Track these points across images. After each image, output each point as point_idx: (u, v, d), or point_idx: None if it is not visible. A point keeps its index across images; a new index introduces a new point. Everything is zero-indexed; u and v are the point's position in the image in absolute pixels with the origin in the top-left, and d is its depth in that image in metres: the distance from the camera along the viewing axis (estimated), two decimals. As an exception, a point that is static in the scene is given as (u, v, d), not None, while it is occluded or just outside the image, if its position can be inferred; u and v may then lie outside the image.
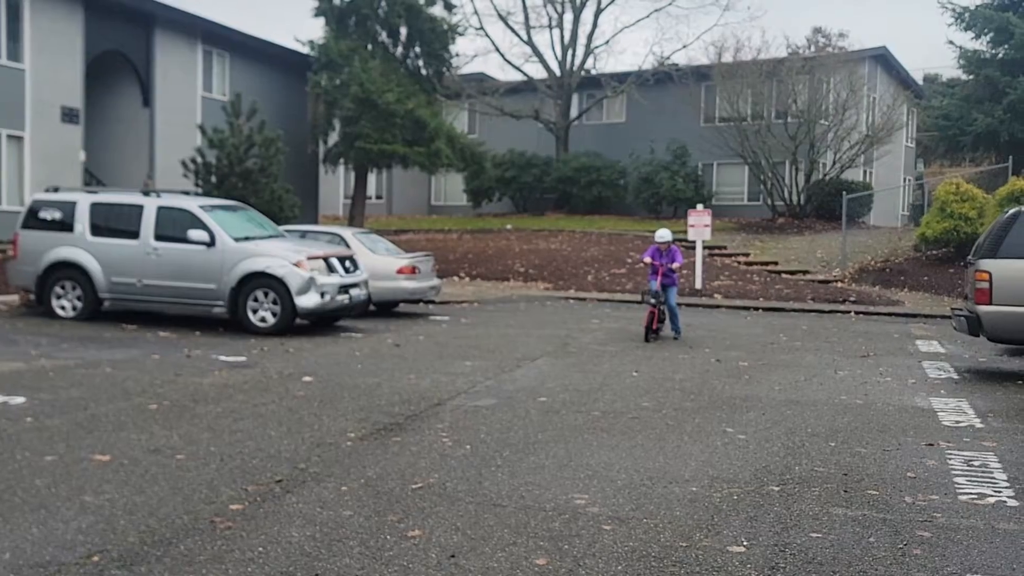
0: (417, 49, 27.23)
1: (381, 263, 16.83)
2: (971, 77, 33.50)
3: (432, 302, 19.05)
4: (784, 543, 5.09)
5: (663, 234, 14.68)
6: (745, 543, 5.08)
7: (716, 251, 26.33)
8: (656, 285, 14.37)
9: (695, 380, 10.60)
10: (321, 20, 26.51)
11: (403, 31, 26.88)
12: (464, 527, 5.26)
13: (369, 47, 26.32)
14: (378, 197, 41.65)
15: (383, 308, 17.59)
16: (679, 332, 14.66)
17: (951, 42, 33.47)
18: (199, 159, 20.84)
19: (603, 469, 6.57)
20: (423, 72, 27.58)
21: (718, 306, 20.62)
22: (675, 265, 14.49)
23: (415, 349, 12.68)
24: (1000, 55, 31.56)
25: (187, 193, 16.28)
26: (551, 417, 8.34)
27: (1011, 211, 11.85)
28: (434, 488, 6.02)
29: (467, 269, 25.88)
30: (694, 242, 22.91)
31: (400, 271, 16.87)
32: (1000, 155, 31.28)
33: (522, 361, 11.75)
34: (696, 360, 12.25)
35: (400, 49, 27.18)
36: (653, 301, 14.18)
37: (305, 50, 26.15)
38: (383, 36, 26.81)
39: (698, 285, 22.34)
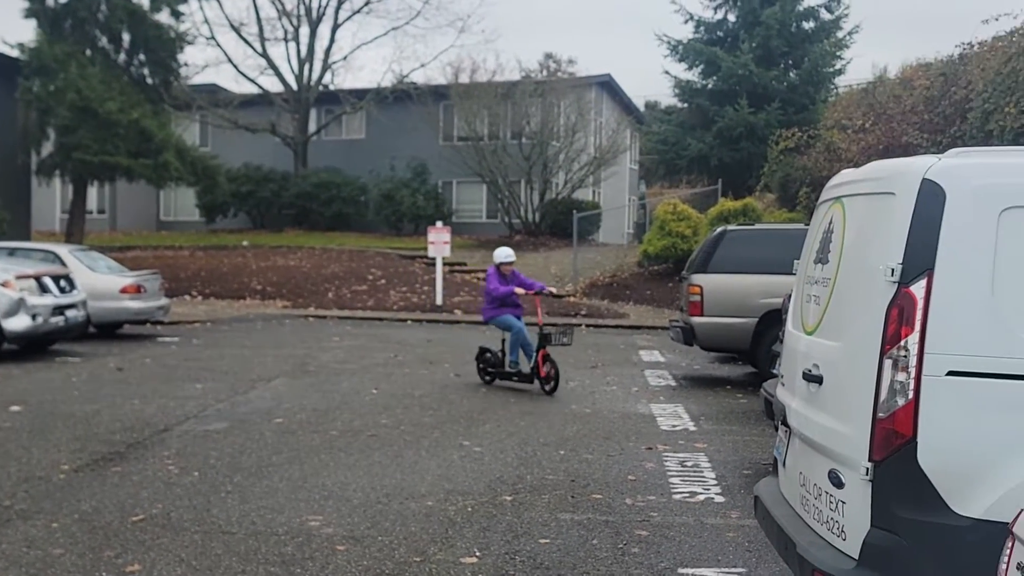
0: (142, 56, 25.77)
1: (102, 282, 15.77)
2: (685, 105, 36.22)
3: (160, 322, 18.08)
4: (515, 551, 5.24)
5: (508, 253, 11.73)
6: (478, 553, 5.18)
7: (456, 267, 26.79)
8: (521, 323, 11.47)
9: (434, 395, 10.71)
10: (33, 22, 24.51)
11: (126, 37, 25.35)
12: (189, 558, 5.01)
13: (88, 52, 24.63)
14: (100, 212, 39.01)
15: (105, 330, 16.48)
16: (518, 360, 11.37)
17: (667, 72, 35.99)
18: None
19: (339, 489, 6.48)
20: (149, 81, 26.16)
21: (458, 321, 20.97)
22: (551, 290, 12.11)
23: (140, 373, 11.97)
24: (710, 86, 34.34)
25: None
26: (287, 438, 8.14)
27: (719, 230, 12.92)
28: (157, 519, 5.70)
29: (200, 287, 24.79)
30: (434, 259, 23.21)
31: (124, 290, 15.88)
32: (712, 178, 34.03)
33: (257, 382, 11.39)
34: (436, 375, 12.39)
35: (123, 56, 25.63)
36: (566, 341, 11.06)
37: (15, 53, 24.07)
38: (103, 41, 25.17)
39: (439, 301, 22.62)
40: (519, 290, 11.20)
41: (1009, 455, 3.23)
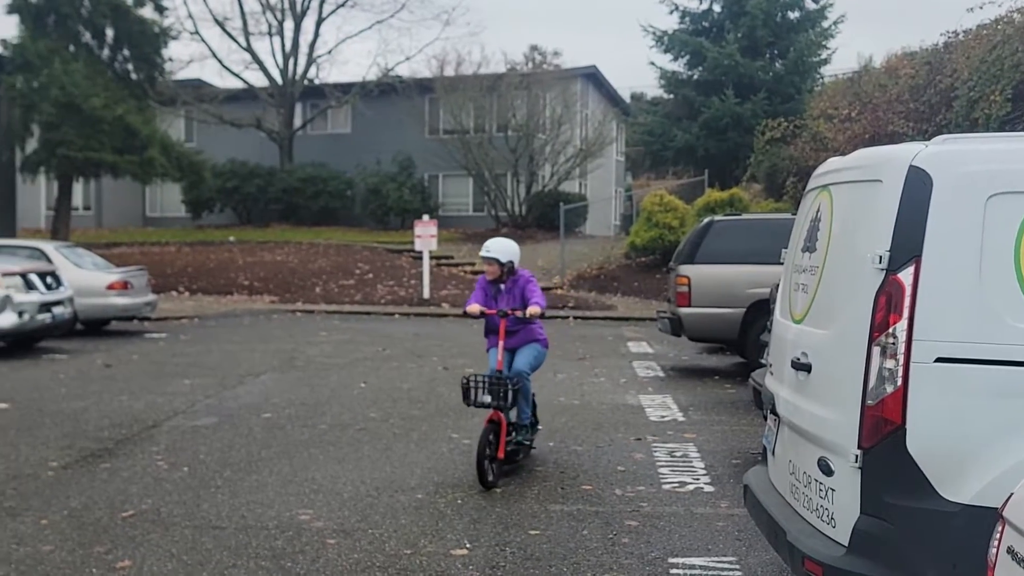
0: (126, 52, 25.60)
1: (89, 278, 15.70)
2: (671, 96, 36.19)
3: (148, 319, 17.99)
4: (504, 542, 5.24)
5: (497, 247, 7.47)
6: (468, 545, 5.18)
7: (443, 261, 26.76)
8: (496, 360, 7.06)
9: (422, 389, 10.69)
10: (16, 17, 24.31)
11: (109, 32, 25.17)
12: (179, 553, 5.00)
13: (72, 48, 24.45)
14: (86, 208, 38.77)
15: (92, 326, 16.40)
16: (529, 424, 7.24)
17: (653, 63, 36.01)
18: None
19: (329, 483, 6.47)
20: (133, 76, 25.99)
21: (445, 315, 20.95)
22: (533, 309, 6.98)
23: (128, 369, 11.92)
24: (696, 76, 34.31)
25: None
26: (275, 433, 8.12)
27: (705, 220, 12.93)
28: (147, 515, 5.68)
29: (187, 283, 24.69)
30: (421, 253, 23.19)
31: (111, 287, 15.81)
32: (698, 168, 34.05)
33: (245, 377, 11.36)
34: (424, 369, 12.37)
35: (107, 51, 25.45)
36: (489, 401, 6.72)
37: (-2, 49, 23.89)
38: (87, 37, 24.98)
39: (426, 295, 22.60)
40: (473, 308, 7.36)
41: (997, 440, 3.25)
